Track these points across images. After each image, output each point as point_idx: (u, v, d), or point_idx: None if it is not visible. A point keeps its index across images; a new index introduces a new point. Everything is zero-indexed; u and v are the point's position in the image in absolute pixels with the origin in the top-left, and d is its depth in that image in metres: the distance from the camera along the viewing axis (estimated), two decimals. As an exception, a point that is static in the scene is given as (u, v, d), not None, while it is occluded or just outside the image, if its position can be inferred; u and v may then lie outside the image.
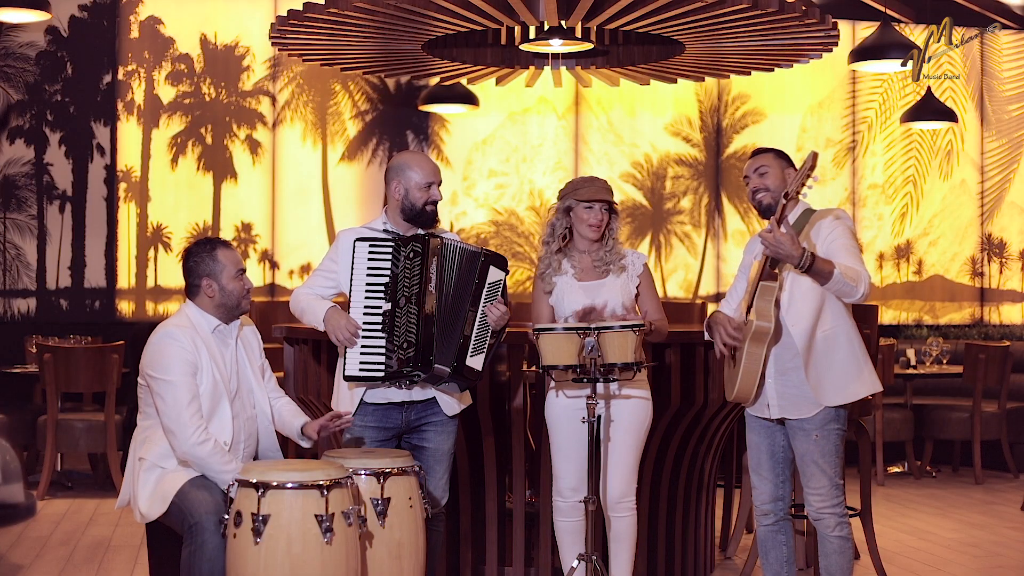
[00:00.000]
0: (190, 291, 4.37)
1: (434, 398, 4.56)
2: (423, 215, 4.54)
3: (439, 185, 4.57)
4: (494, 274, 4.52)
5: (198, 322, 4.31)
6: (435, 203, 4.56)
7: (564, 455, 4.67)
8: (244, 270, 4.39)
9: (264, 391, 4.44)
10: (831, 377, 4.35)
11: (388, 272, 4.43)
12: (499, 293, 4.53)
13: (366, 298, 4.43)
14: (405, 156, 4.63)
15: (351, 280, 4.45)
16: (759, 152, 4.55)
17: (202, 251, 4.36)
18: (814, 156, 4.12)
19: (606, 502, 4.68)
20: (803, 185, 4.15)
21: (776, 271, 4.31)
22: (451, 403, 4.59)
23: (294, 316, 4.67)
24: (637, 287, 4.77)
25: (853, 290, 4.24)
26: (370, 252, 4.45)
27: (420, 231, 4.54)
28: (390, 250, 4.44)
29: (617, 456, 4.67)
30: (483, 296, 4.48)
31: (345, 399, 4.55)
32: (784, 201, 4.20)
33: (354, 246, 4.45)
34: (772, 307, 4.28)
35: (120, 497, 4.39)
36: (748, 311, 4.33)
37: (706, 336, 4.59)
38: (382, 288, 4.42)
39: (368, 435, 4.51)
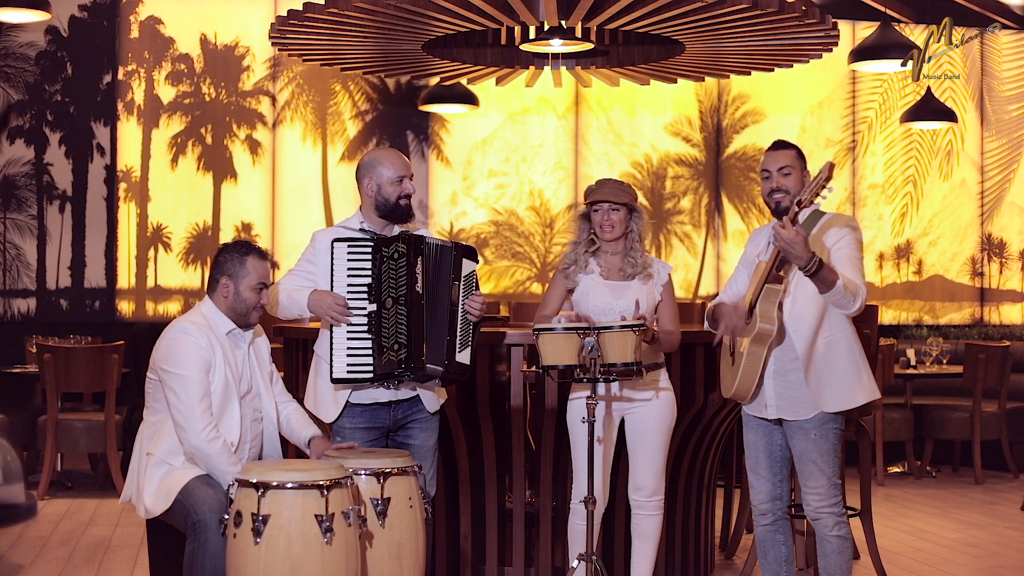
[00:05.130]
0: (210, 286, 4.39)
1: (418, 396, 4.57)
2: (398, 210, 4.53)
3: (411, 179, 4.57)
4: (467, 266, 4.52)
5: (214, 321, 4.33)
6: (408, 197, 4.55)
7: (585, 459, 4.69)
8: (267, 285, 4.38)
9: (272, 398, 4.45)
10: (831, 383, 4.35)
11: (370, 272, 4.41)
12: (474, 285, 4.53)
13: (349, 298, 4.42)
14: (374, 152, 4.62)
15: (331, 281, 4.42)
16: (782, 146, 4.49)
17: (235, 252, 4.37)
18: (831, 167, 4.09)
19: (634, 499, 4.77)
20: (817, 195, 4.13)
21: (781, 273, 4.30)
22: (433, 400, 4.61)
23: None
24: (660, 295, 4.79)
25: (850, 303, 4.22)
26: (349, 252, 4.42)
27: (398, 229, 4.54)
28: (370, 250, 4.42)
29: (646, 453, 4.73)
30: (461, 290, 4.48)
31: (328, 401, 4.52)
32: (797, 209, 4.17)
33: (332, 247, 4.43)
34: (775, 310, 4.28)
35: (124, 493, 4.39)
36: (751, 309, 4.32)
37: (706, 325, 4.59)
38: (365, 288, 4.41)
39: (358, 436, 4.49)
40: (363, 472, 4.13)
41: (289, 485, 3.87)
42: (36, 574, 5.83)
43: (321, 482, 3.88)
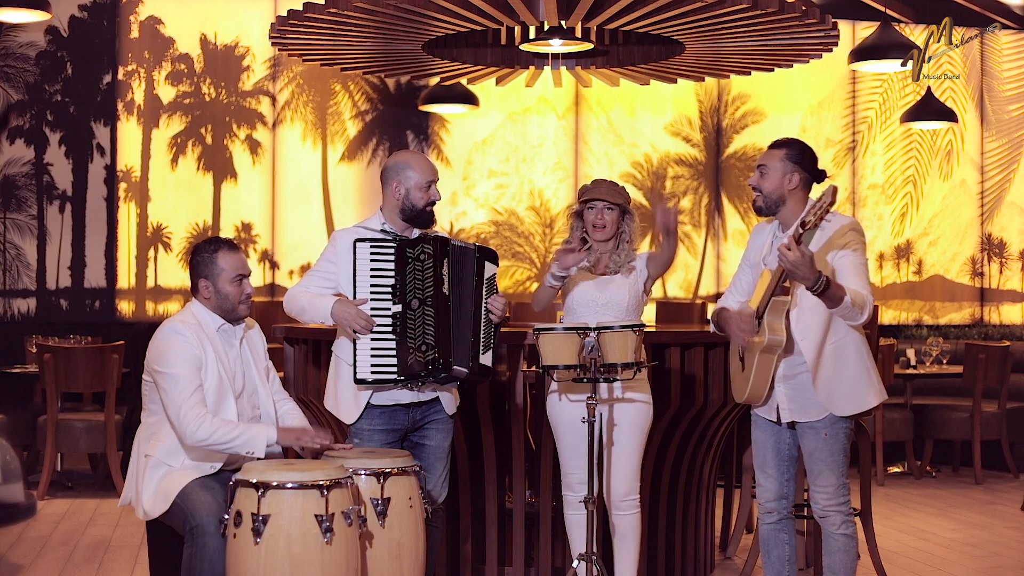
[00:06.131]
0: (193, 289, 4.38)
1: (437, 398, 4.57)
2: (423, 215, 4.53)
3: (437, 184, 4.57)
4: (489, 269, 4.54)
5: (203, 320, 4.31)
6: (434, 203, 4.55)
7: (571, 452, 4.73)
8: (244, 275, 4.35)
9: (269, 393, 4.43)
10: (842, 388, 4.35)
11: (392, 273, 4.42)
12: (495, 287, 4.55)
13: (372, 299, 4.41)
14: (404, 156, 4.60)
15: (354, 281, 4.42)
16: (772, 146, 4.49)
17: (204, 251, 4.35)
18: (834, 191, 4.07)
19: (610, 501, 4.75)
20: (821, 219, 4.13)
21: (787, 285, 4.30)
22: (451, 402, 4.62)
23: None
24: (645, 282, 4.83)
25: (858, 316, 4.22)
26: (372, 253, 4.42)
27: (416, 231, 4.55)
28: (393, 250, 4.43)
29: (619, 455, 4.72)
30: (484, 292, 4.49)
31: (349, 403, 4.51)
32: (801, 230, 4.15)
33: (354, 247, 4.42)
34: (783, 321, 4.28)
35: (123, 495, 4.38)
36: (760, 318, 4.32)
37: (712, 329, 4.60)
38: (388, 289, 4.41)
39: (376, 438, 4.49)
40: (363, 472, 4.13)
41: (289, 485, 3.87)
42: (36, 574, 5.83)
43: (321, 482, 3.88)
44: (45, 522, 6.98)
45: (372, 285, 4.41)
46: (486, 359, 4.49)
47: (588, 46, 6.97)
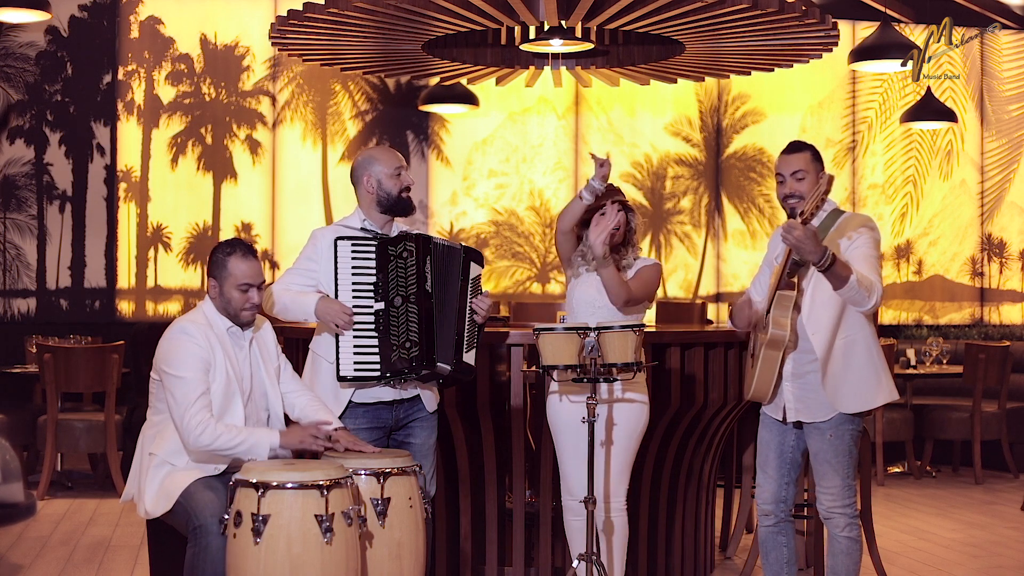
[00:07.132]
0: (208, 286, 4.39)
1: (418, 395, 4.59)
2: (401, 202, 4.56)
3: (407, 170, 4.62)
4: (474, 269, 4.57)
5: (213, 320, 4.30)
6: (408, 188, 4.59)
7: (571, 455, 4.70)
8: (252, 285, 4.27)
9: (278, 395, 4.41)
10: (849, 385, 4.35)
11: (374, 270, 4.43)
12: (480, 288, 4.58)
13: (354, 297, 4.43)
14: (366, 152, 4.66)
15: (336, 279, 4.44)
16: (796, 149, 4.46)
17: (219, 252, 4.33)
18: (830, 180, 4.11)
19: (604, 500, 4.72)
20: (819, 207, 4.14)
21: (794, 279, 4.31)
22: (432, 399, 4.64)
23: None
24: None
25: (865, 300, 4.22)
26: (353, 251, 4.45)
27: (396, 226, 4.60)
28: (374, 248, 4.45)
29: (613, 453, 4.70)
30: (468, 291, 4.51)
31: (329, 401, 4.50)
32: (799, 219, 4.16)
33: (336, 245, 4.44)
34: (788, 316, 4.29)
35: (125, 491, 4.38)
36: (768, 313, 4.33)
37: (729, 324, 4.62)
38: (371, 287, 4.43)
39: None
40: (363, 472, 4.13)
41: (289, 485, 3.87)
42: (36, 574, 5.83)
43: (321, 482, 3.88)
44: (45, 522, 6.98)
45: (354, 283, 4.43)
46: (469, 357, 4.51)
47: (588, 46, 6.97)
